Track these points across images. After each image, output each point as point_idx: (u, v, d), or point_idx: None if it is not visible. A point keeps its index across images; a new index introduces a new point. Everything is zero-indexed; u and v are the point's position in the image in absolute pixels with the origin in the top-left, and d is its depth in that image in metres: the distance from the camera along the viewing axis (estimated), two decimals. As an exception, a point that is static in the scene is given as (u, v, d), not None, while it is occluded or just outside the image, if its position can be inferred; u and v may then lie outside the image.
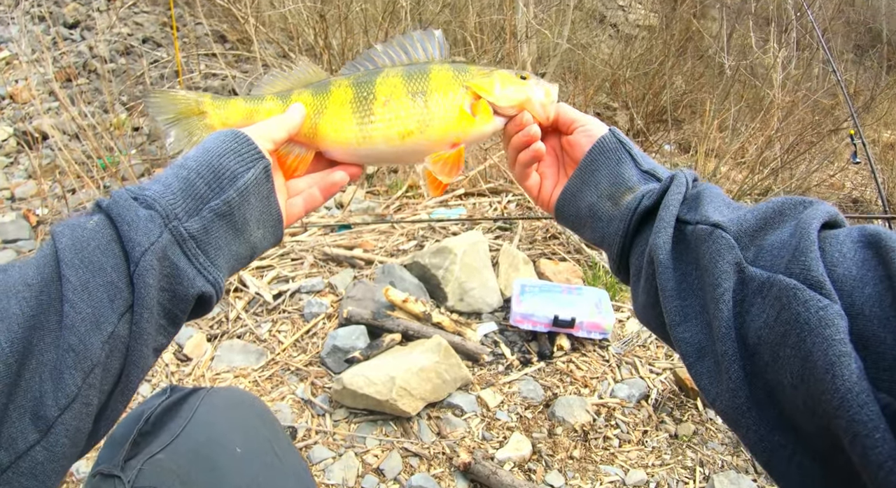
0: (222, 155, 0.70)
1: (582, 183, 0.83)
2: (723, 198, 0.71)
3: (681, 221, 0.69)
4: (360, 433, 1.85)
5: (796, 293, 0.51)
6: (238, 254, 0.72)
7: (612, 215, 0.79)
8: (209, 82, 5.25)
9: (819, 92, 4.92)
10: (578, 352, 2.23)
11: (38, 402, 0.53)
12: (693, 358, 0.62)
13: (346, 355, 2.02)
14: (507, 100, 0.84)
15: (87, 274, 0.57)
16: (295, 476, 1.03)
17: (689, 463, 1.91)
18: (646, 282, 0.71)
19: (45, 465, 0.53)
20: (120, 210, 0.61)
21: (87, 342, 0.55)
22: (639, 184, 0.78)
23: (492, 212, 3.00)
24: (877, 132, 5.82)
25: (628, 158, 0.81)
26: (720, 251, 0.61)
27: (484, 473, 1.70)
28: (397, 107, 0.83)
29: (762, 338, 0.54)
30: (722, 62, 5.32)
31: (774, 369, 0.53)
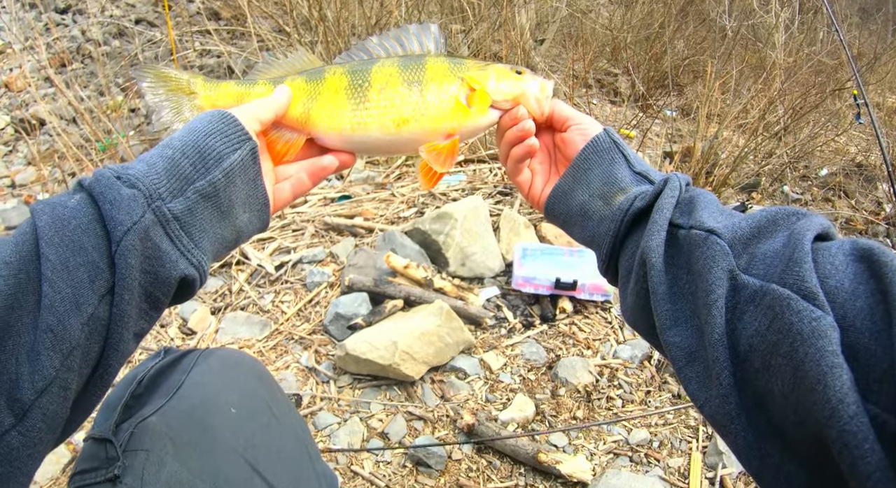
0: (208, 135, 0.68)
1: (574, 181, 0.83)
2: (716, 204, 0.71)
3: (673, 225, 0.69)
4: (365, 398, 1.86)
5: (790, 303, 0.52)
6: (223, 238, 0.71)
7: (603, 215, 0.78)
8: (205, 60, 5.21)
9: (822, 53, 4.85)
10: (581, 314, 2.23)
11: (13, 385, 0.51)
12: (682, 362, 0.62)
13: (348, 322, 2.02)
14: (503, 93, 0.85)
15: (67, 252, 0.55)
16: (293, 436, 1.02)
17: (692, 423, 1.91)
18: (636, 285, 0.71)
19: (20, 451, 0.51)
20: (102, 189, 0.59)
21: (66, 323, 0.54)
22: (631, 186, 0.78)
23: (492, 178, 2.98)
24: (881, 96, 5.75)
25: (622, 159, 0.81)
26: (714, 257, 0.61)
27: (488, 434, 1.70)
28: (393, 94, 0.82)
29: (754, 345, 0.55)
30: (723, 24, 5.24)
31: (765, 377, 0.54)
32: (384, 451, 1.71)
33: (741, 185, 3.99)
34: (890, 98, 5.79)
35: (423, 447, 1.66)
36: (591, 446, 1.78)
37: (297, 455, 1.02)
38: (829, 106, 4.79)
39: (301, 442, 1.04)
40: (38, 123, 4.50)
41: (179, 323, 2.21)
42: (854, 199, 4.80)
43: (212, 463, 0.85)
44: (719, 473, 1.75)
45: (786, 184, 4.47)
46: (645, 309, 0.69)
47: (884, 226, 4.52)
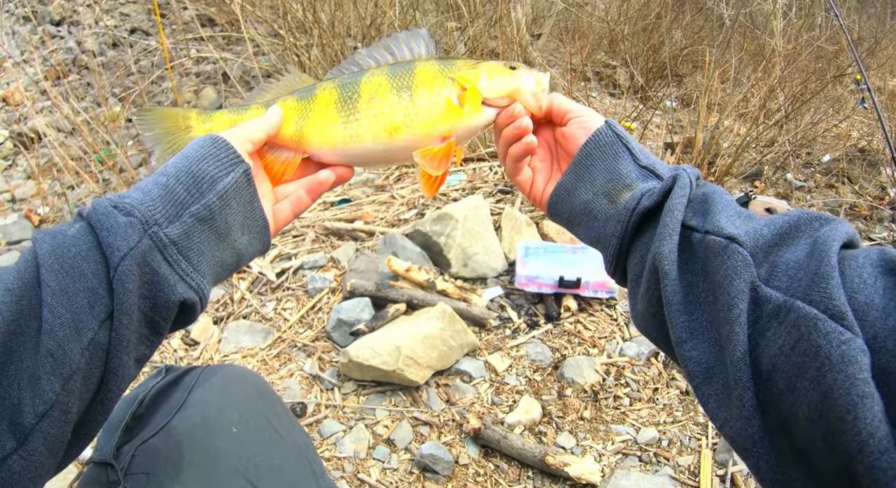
0: (201, 159, 0.69)
1: (577, 179, 0.79)
2: (733, 204, 0.67)
3: (687, 227, 0.65)
4: (370, 405, 1.84)
5: (817, 323, 0.49)
6: (222, 261, 0.70)
7: (608, 214, 0.75)
8: (201, 67, 5.20)
9: (821, 38, 4.81)
10: (585, 311, 2.20)
11: (15, 409, 0.52)
12: (700, 378, 0.59)
13: (351, 328, 2.01)
14: (496, 91, 0.82)
15: (66, 279, 0.56)
16: (296, 452, 1.01)
17: (701, 419, 1.89)
18: (647, 291, 0.67)
19: (21, 474, 0.52)
20: (99, 217, 0.60)
21: (66, 347, 0.54)
22: (637, 182, 0.74)
23: (492, 177, 2.96)
24: (882, 80, 5.70)
25: (626, 153, 0.77)
26: (736, 269, 0.57)
27: (494, 438, 1.68)
28: (382, 103, 0.81)
29: (777, 365, 0.52)
30: (721, 13, 5.20)
31: (790, 399, 0.51)
32: (390, 458, 1.69)
33: (744, 175, 3.96)
34: (891, 82, 5.73)
35: (430, 455, 1.65)
36: (600, 446, 1.76)
37: (301, 471, 1.01)
38: (831, 92, 4.75)
39: (304, 457, 1.03)
40: (37, 137, 4.50)
41: (182, 334, 2.19)
42: (858, 185, 4.76)
43: (213, 483, 0.85)
44: (730, 470, 1.73)
45: (789, 172, 4.43)
46: (657, 316, 0.66)
47: (888, 210, 4.48)
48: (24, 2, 5.94)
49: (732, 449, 0.58)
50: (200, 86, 4.94)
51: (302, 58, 4.22)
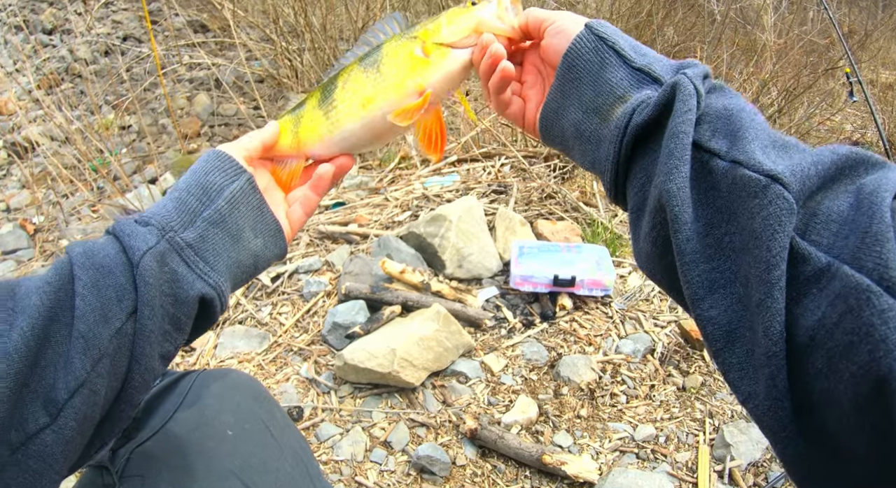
0: (207, 172, 0.75)
1: (562, 96, 0.70)
2: (764, 125, 0.56)
3: (705, 150, 0.55)
4: (366, 407, 1.84)
5: (870, 298, 0.40)
6: (239, 261, 0.75)
7: (600, 135, 0.65)
8: (194, 73, 5.20)
9: (812, 33, 4.82)
10: (581, 310, 2.20)
11: (50, 388, 0.56)
12: (721, 343, 0.51)
13: (346, 331, 2.01)
14: (460, 31, 0.77)
15: (97, 274, 0.62)
16: (292, 455, 1.01)
17: (699, 415, 1.89)
18: (652, 230, 0.58)
19: (53, 448, 0.56)
20: (122, 227, 0.67)
21: (96, 331, 0.60)
22: (631, 91, 0.63)
23: (486, 177, 2.96)
24: (875, 73, 5.71)
25: (613, 57, 0.65)
26: (780, 219, 0.47)
27: (491, 438, 1.68)
28: (353, 84, 0.83)
29: (816, 340, 0.44)
30: (712, 9, 5.20)
31: (830, 381, 0.43)
32: (387, 460, 1.69)
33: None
34: (883, 74, 5.74)
35: (427, 457, 1.65)
36: (597, 445, 1.76)
37: (297, 475, 1.01)
38: (823, 85, 4.76)
39: (300, 461, 1.03)
40: (31, 146, 4.49)
41: (177, 340, 2.19)
42: (853, 178, 4.75)
43: (208, 486, 0.85)
44: (728, 466, 1.73)
45: (783, 167, 4.44)
46: (665, 258, 0.57)
47: (884, 203, 4.48)
48: (15, 11, 5.93)
49: (759, 428, 0.49)
50: (194, 92, 4.94)
51: (294, 62, 4.22)
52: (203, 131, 4.52)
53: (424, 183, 2.96)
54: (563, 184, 2.93)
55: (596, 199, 2.95)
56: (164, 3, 5.58)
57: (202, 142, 4.31)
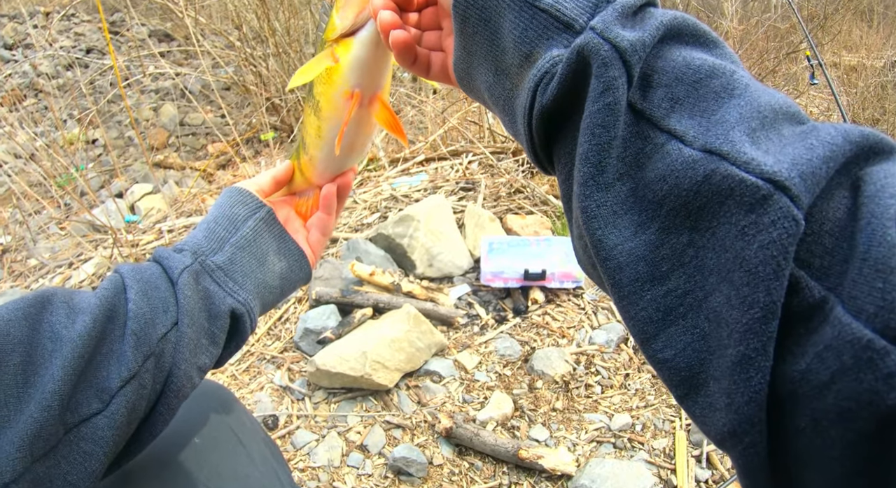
0: (232, 206, 0.84)
1: (467, 54, 0.54)
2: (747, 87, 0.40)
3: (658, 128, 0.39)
4: (341, 412, 1.82)
5: (872, 357, 0.30)
6: (265, 282, 0.83)
7: (514, 105, 0.50)
8: (159, 83, 5.14)
9: (774, 18, 4.87)
10: (553, 303, 2.20)
11: (103, 379, 0.62)
12: (682, 390, 0.39)
13: (318, 336, 1.99)
14: (348, 16, 0.68)
15: (146, 286, 0.69)
16: (262, 462, 1.00)
17: (674, 401, 1.89)
18: (580, 240, 0.46)
19: (104, 432, 0.60)
20: (161, 253, 0.76)
21: (147, 331, 0.66)
22: (538, 45, 0.45)
23: (453, 175, 2.95)
24: (837, 55, 5.79)
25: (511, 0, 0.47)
26: (785, 248, 0.33)
27: (466, 436, 1.68)
28: (306, 121, 0.86)
29: (799, 394, 0.33)
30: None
31: (815, 444, 0.33)
32: (364, 464, 1.68)
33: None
34: (846, 57, 5.83)
35: (402, 458, 1.63)
36: (573, 436, 1.76)
37: (266, 481, 0.99)
38: (787, 69, 4.81)
39: (270, 467, 1.01)
40: (-4, 164, 4.41)
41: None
42: (821, 160, 4.81)
43: None
44: (705, 450, 1.74)
45: (752, 152, 4.48)
46: (596, 267, 0.45)
47: (852, 183, 4.54)
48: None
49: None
50: (159, 102, 4.88)
51: (259, 68, 4.18)
52: (170, 142, 4.47)
53: (392, 183, 2.94)
54: (531, 179, 2.93)
55: (566, 192, 2.95)
56: (126, 14, 5.51)
57: (169, 153, 4.26)
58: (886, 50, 5.89)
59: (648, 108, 0.40)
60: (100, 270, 2.73)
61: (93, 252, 2.85)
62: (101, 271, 2.72)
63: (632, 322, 0.41)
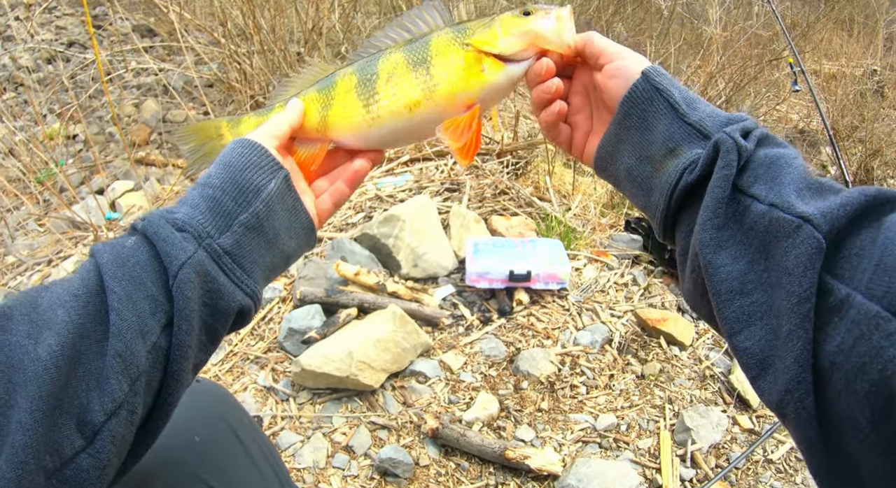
0: (243, 169, 0.71)
1: (617, 141, 0.72)
2: (802, 171, 0.60)
3: (746, 194, 0.59)
4: (326, 413, 1.81)
5: (879, 322, 0.45)
6: (272, 265, 0.73)
7: (651, 184, 0.68)
8: (142, 79, 5.07)
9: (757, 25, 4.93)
10: (538, 304, 2.21)
11: (84, 409, 0.53)
12: (756, 371, 0.55)
13: (302, 336, 1.98)
14: (515, 44, 0.75)
15: (130, 286, 0.59)
16: (262, 460, 1.00)
17: (658, 402, 1.91)
18: (693, 273, 0.63)
19: (90, 473, 0.53)
20: (156, 229, 0.63)
21: (134, 349, 0.56)
22: (683, 145, 0.65)
23: (438, 176, 2.95)
24: (818, 64, 5.88)
25: (667, 110, 0.67)
26: (811, 257, 0.51)
27: (453, 437, 1.68)
28: (400, 80, 0.79)
29: (836, 364, 0.48)
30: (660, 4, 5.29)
31: (848, 400, 0.47)
32: (350, 465, 1.67)
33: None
34: (826, 64, 5.92)
35: (388, 459, 1.63)
36: (559, 437, 1.77)
37: (266, 480, 0.99)
38: (768, 76, 4.88)
39: (270, 465, 1.02)
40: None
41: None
42: (800, 165, 4.90)
43: None
44: (689, 449, 1.75)
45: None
46: (705, 297, 0.62)
47: (830, 188, 4.62)
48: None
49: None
50: (141, 98, 4.82)
51: (243, 65, 4.15)
52: (152, 138, 4.41)
53: (377, 183, 2.93)
54: (516, 180, 2.94)
55: (549, 194, 2.97)
56: (110, 8, 5.44)
57: (151, 150, 4.21)
58: (866, 58, 6.00)
59: (740, 182, 0.60)
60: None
61: (72, 249, 2.82)
62: (81, 268, 2.68)
63: (724, 320, 0.58)
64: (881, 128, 4.61)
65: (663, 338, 2.11)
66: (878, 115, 4.70)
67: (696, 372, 2.04)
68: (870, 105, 4.83)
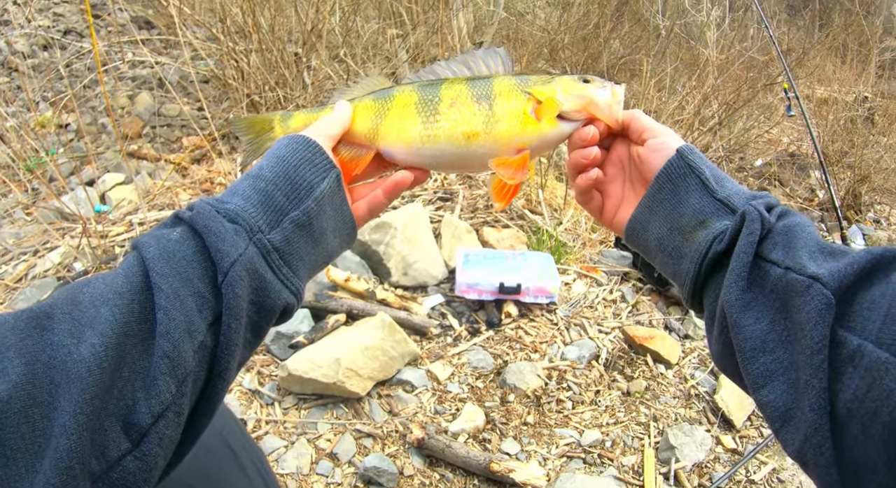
0: (297, 166, 0.71)
1: (650, 212, 0.77)
2: (815, 237, 0.65)
3: (767, 260, 0.64)
4: (311, 418, 1.80)
5: (888, 368, 0.49)
6: (315, 263, 0.73)
7: (682, 253, 0.73)
8: (137, 71, 5.04)
9: (753, 49, 4.99)
10: (526, 317, 2.22)
11: (130, 410, 0.52)
12: (779, 423, 0.59)
13: (290, 341, 1.97)
14: (571, 104, 0.81)
15: (177, 282, 0.57)
16: (252, 467, 0.98)
17: (643, 419, 1.92)
18: (720, 334, 0.67)
19: (136, 475, 0.51)
20: (206, 221, 0.61)
21: (182, 349, 0.55)
22: (712, 218, 0.71)
23: (431, 184, 2.95)
24: (810, 88, 5.96)
25: (699, 186, 0.73)
26: (821, 312, 0.55)
27: (438, 447, 1.67)
28: (463, 108, 0.83)
29: (852, 411, 0.52)
30: (657, 24, 5.34)
31: (864, 445, 0.51)
32: (334, 472, 1.66)
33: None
34: (818, 90, 6.00)
35: (373, 468, 1.62)
36: (544, 451, 1.77)
37: (256, 487, 0.98)
38: (762, 100, 4.93)
39: (259, 474, 1.00)
40: (-40, 144, 4.27)
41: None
42: (788, 187, 4.96)
43: None
44: (673, 467, 1.76)
45: (724, 177, 4.58)
46: (734, 357, 0.66)
47: (818, 211, 4.68)
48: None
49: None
50: (136, 91, 4.78)
51: (241, 63, 4.13)
52: (145, 132, 4.38)
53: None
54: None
55: (541, 207, 2.98)
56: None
57: (143, 144, 4.17)
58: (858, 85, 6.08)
59: (761, 250, 0.65)
60: (66, 260, 2.67)
61: (59, 240, 2.79)
62: (66, 261, 2.66)
63: (748, 376, 0.62)
64: (870, 154, 4.67)
65: (650, 356, 2.13)
66: (867, 141, 4.76)
67: (682, 390, 2.05)
68: (860, 131, 4.89)
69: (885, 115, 5.36)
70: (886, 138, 4.92)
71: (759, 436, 1.96)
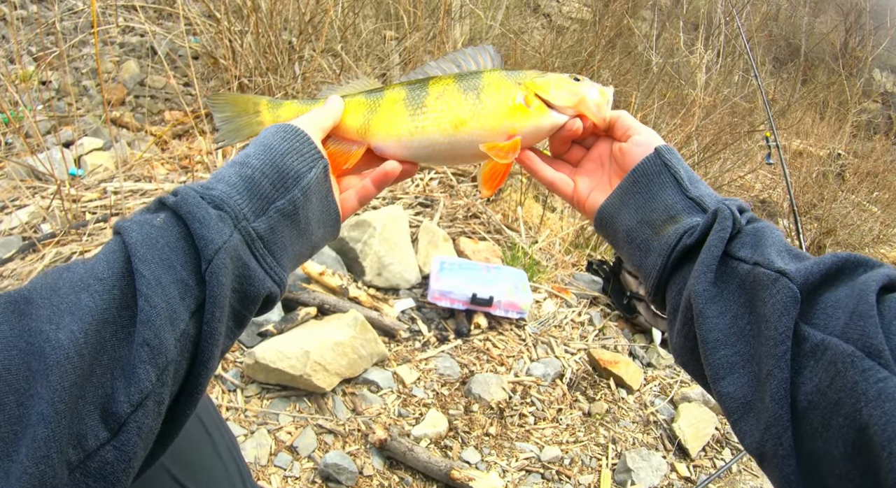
0: (285, 154, 0.70)
1: (621, 204, 0.79)
2: (783, 241, 0.67)
3: (734, 257, 0.65)
4: (273, 409, 1.78)
5: (853, 360, 0.50)
6: (299, 253, 0.72)
7: (650, 246, 0.75)
8: (127, 37, 4.94)
9: (738, 96, 5.13)
10: (495, 330, 2.24)
11: (108, 399, 0.51)
12: (737, 414, 0.59)
13: (259, 328, 1.95)
14: (563, 98, 0.83)
15: (159, 269, 0.56)
16: (226, 452, 0.97)
17: (602, 440, 1.95)
18: (683, 326, 0.68)
19: (115, 465, 0.50)
20: (190, 208, 0.60)
21: (163, 337, 0.54)
22: (682, 214, 0.73)
23: (413, 189, 2.96)
24: (788, 140, 6.15)
25: (672, 183, 0.75)
26: (786, 304, 0.56)
27: (400, 450, 1.67)
28: (450, 99, 0.84)
29: (813, 403, 0.53)
30: (649, 59, 5.45)
31: (824, 437, 0.51)
32: (292, 466, 1.65)
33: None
34: (795, 142, 6.19)
35: (333, 464, 1.61)
36: (504, 463, 1.78)
37: (230, 473, 0.96)
38: (741, 145, 5.06)
39: (233, 459, 0.98)
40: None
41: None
42: (756, 234, 5.09)
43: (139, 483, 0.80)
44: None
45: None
46: (694, 351, 0.66)
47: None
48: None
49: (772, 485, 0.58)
50: (123, 57, 4.69)
51: (234, 44, 4.09)
52: (127, 100, 4.30)
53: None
54: (488, 205, 2.98)
55: (518, 224, 3.01)
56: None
57: (125, 112, 4.09)
58: (833, 142, 6.29)
59: (729, 249, 0.66)
60: (34, 220, 2.60)
61: (30, 199, 2.71)
62: (34, 221, 2.59)
63: (709, 366, 0.62)
64: (838, 209, 4.84)
65: (613, 380, 2.16)
66: (836, 196, 4.93)
67: (641, 416, 2.09)
68: (830, 186, 5.06)
69: (856, 173, 5.56)
70: (855, 195, 5.10)
71: (712, 467, 2.00)
